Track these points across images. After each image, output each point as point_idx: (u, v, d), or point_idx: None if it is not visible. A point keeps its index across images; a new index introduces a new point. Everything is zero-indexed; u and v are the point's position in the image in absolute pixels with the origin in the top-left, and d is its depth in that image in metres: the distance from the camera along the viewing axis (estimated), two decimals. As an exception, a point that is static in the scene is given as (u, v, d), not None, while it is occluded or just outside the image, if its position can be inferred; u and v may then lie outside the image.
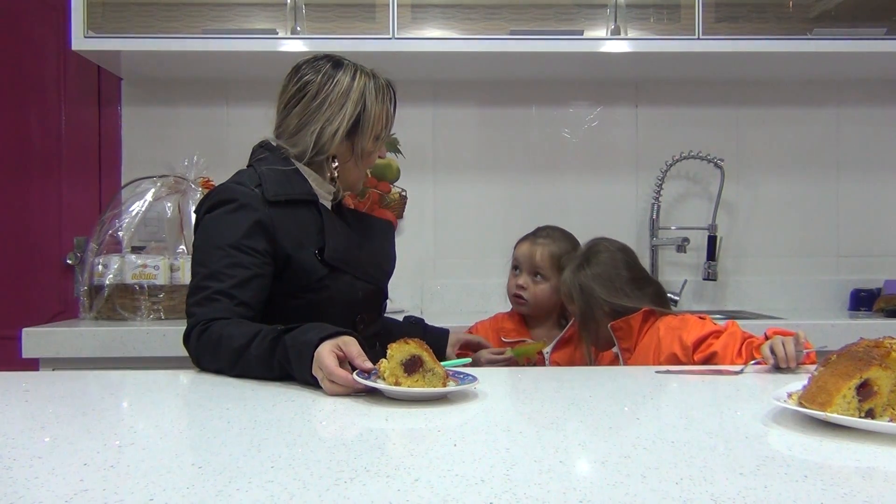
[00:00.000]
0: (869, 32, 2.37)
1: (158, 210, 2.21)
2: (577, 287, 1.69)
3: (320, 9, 2.33)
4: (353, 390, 1.11)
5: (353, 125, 1.51)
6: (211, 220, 1.45)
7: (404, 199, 2.56)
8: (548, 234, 1.93)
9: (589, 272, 1.69)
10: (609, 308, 1.67)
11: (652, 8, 2.37)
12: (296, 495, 0.66)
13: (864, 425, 0.87)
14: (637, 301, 1.67)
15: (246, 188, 1.45)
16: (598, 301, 1.67)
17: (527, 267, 1.88)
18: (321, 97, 1.50)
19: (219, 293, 1.36)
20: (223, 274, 1.37)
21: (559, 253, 1.88)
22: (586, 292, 1.67)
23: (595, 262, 1.70)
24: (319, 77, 1.50)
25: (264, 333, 1.26)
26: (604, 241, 1.78)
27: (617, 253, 1.73)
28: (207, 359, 1.33)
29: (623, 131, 2.76)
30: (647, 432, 0.91)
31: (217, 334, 1.30)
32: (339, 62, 1.54)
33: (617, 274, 1.69)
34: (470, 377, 1.15)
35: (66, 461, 0.77)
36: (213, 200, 1.46)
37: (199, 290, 1.38)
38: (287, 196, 1.46)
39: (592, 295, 1.67)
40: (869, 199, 2.77)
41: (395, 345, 1.10)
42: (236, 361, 1.27)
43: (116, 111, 2.68)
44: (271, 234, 1.42)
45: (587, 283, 1.68)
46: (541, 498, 0.65)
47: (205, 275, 1.39)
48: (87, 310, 2.14)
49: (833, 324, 2.20)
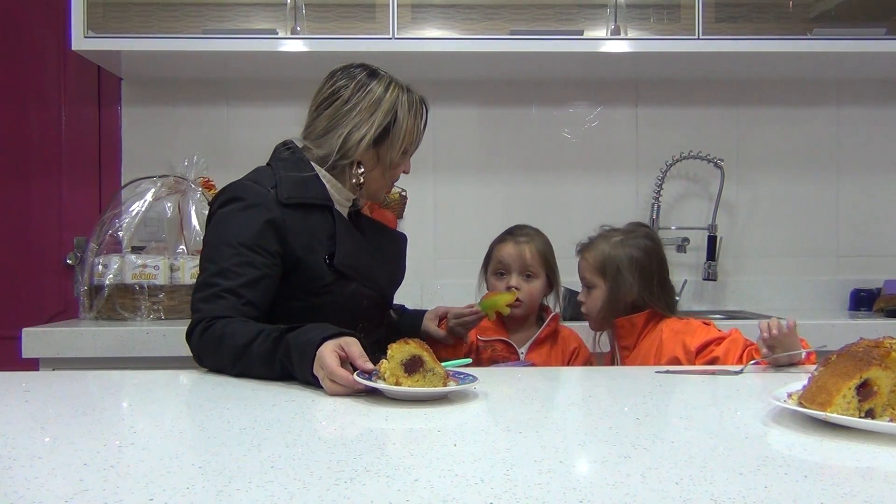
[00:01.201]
0: (869, 32, 2.37)
1: (158, 210, 2.21)
2: (614, 264, 1.67)
3: (320, 9, 2.33)
4: (353, 390, 1.11)
5: (381, 134, 1.50)
6: (223, 216, 1.44)
7: (404, 199, 2.56)
8: (526, 232, 1.89)
9: (633, 255, 1.67)
10: (631, 300, 1.66)
11: (652, 8, 2.37)
12: (296, 495, 0.66)
13: (864, 425, 0.87)
14: (659, 302, 1.66)
15: (261, 187, 1.44)
16: (628, 286, 1.66)
17: (517, 267, 1.84)
18: (352, 102, 1.49)
19: (227, 291, 1.35)
20: (232, 272, 1.37)
21: (544, 249, 1.87)
22: (622, 272, 1.66)
23: (638, 248, 1.69)
24: (353, 83, 1.50)
25: (267, 332, 1.25)
26: (647, 228, 1.78)
27: (658, 247, 1.73)
28: (209, 356, 1.33)
29: (623, 131, 2.76)
30: (647, 432, 0.91)
31: (220, 332, 1.30)
32: (375, 72, 1.54)
33: (651, 269, 1.68)
34: (470, 377, 1.15)
35: (66, 461, 0.77)
36: (227, 196, 1.46)
37: (206, 286, 1.38)
38: (301, 199, 1.45)
39: (625, 279, 1.66)
40: (869, 199, 2.78)
41: (396, 345, 1.11)
42: (238, 360, 1.27)
43: (116, 111, 2.68)
44: (283, 236, 1.42)
45: (626, 265, 1.66)
46: (541, 498, 0.65)
47: (214, 271, 1.38)
48: (87, 310, 2.14)
49: (833, 324, 2.20)
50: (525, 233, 1.88)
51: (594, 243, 1.77)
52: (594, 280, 1.74)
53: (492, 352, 1.79)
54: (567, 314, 2.31)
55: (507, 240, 1.88)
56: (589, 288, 1.76)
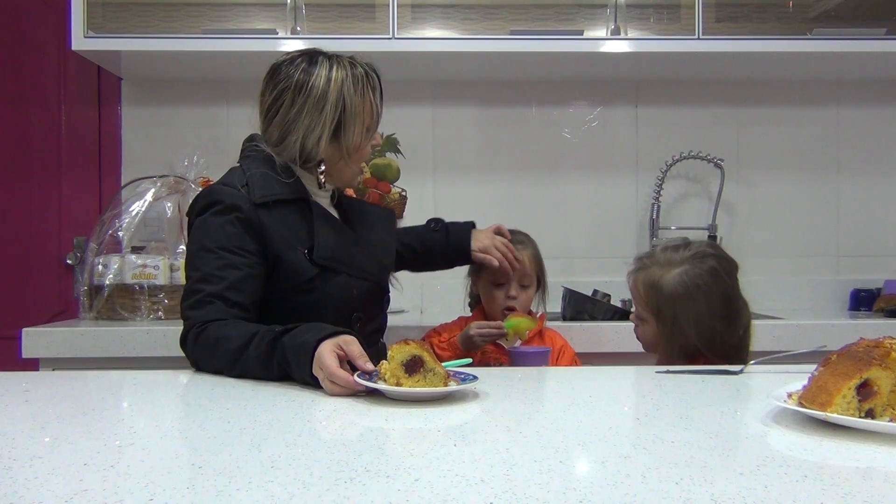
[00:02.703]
0: (869, 32, 2.36)
1: (158, 210, 2.21)
2: (669, 303, 1.45)
3: (320, 9, 2.33)
4: (353, 391, 1.11)
5: (335, 127, 1.47)
6: (200, 223, 1.44)
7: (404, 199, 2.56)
8: (520, 239, 1.86)
9: (693, 293, 1.44)
10: (692, 344, 1.45)
11: (652, 8, 2.37)
12: (296, 495, 0.66)
13: (864, 425, 0.87)
14: (719, 357, 1.43)
15: (231, 189, 1.44)
16: (681, 333, 1.46)
17: (516, 278, 1.82)
18: (298, 104, 1.45)
19: (212, 296, 1.35)
20: (215, 276, 1.37)
21: (537, 254, 1.86)
22: (678, 316, 1.46)
23: (697, 288, 1.46)
24: (293, 84, 1.46)
25: (261, 335, 1.25)
26: (716, 251, 1.55)
27: (722, 279, 1.49)
28: (205, 361, 1.32)
29: (623, 131, 2.76)
30: (647, 432, 0.91)
31: (214, 336, 1.30)
32: (315, 58, 1.48)
33: (710, 311, 1.46)
34: (471, 377, 1.15)
35: (66, 461, 0.77)
36: (201, 203, 1.46)
37: (192, 293, 1.38)
38: (274, 196, 1.44)
39: (679, 325, 1.45)
40: (869, 199, 2.77)
41: (396, 346, 1.10)
42: (235, 363, 1.26)
43: (116, 111, 2.68)
44: (259, 234, 1.41)
45: (682, 306, 1.45)
46: (541, 498, 0.65)
47: (197, 278, 1.38)
48: (87, 310, 2.14)
49: (833, 324, 2.19)
50: (519, 240, 1.86)
51: (647, 265, 1.52)
52: (643, 313, 1.52)
53: (482, 355, 1.79)
54: (567, 314, 2.31)
55: None
56: (641, 318, 1.54)
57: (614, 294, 2.48)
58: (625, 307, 2.46)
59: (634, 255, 1.61)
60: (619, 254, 2.70)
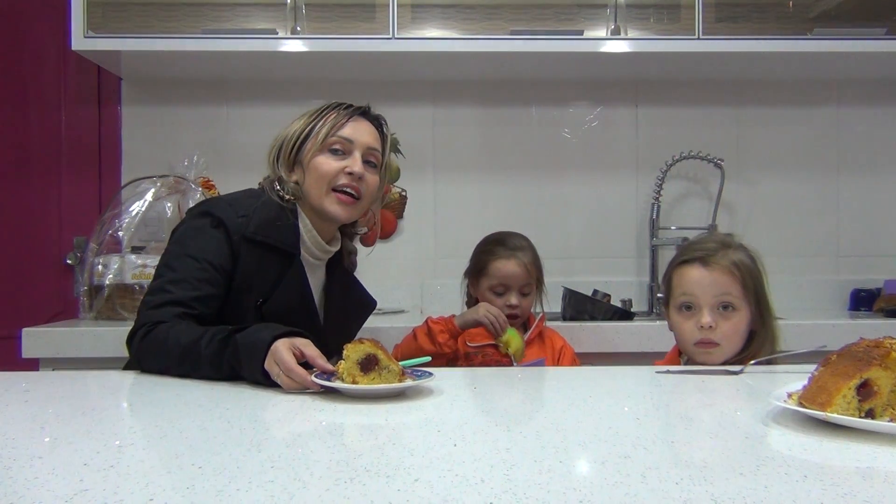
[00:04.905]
0: (869, 32, 2.36)
1: (158, 210, 2.21)
2: (760, 281, 1.45)
3: (320, 9, 2.33)
4: (307, 388, 1.12)
5: (296, 146, 1.51)
6: (194, 228, 1.45)
7: (404, 199, 2.56)
8: (519, 244, 1.85)
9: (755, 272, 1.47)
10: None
11: (652, 8, 2.37)
12: (296, 495, 0.66)
13: (864, 425, 0.87)
14: (767, 337, 1.46)
15: (233, 212, 1.45)
16: (771, 313, 1.48)
17: (517, 285, 1.82)
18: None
19: (178, 301, 1.35)
20: (191, 284, 1.37)
21: (536, 259, 1.85)
22: (763, 293, 1.47)
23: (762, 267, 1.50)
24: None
25: (213, 332, 1.25)
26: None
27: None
28: (150, 359, 1.32)
29: (623, 131, 2.76)
30: (647, 432, 0.91)
31: (164, 334, 1.30)
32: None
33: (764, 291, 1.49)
34: (426, 373, 1.17)
35: (66, 461, 0.77)
36: (202, 209, 1.47)
37: (160, 291, 1.38)
38: (266, 239, 1.44)
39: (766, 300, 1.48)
40: (869, 199, 2.77)
41: (351, 345, 1.12)
42: (183, 360, 1.26)
43: (116, 111, 2.68)
44: (235, 262, 1.42)
45: (763, 290, 1.46)
46: (541, 498, 0.65)
47: (171, 279, 1.38)
48: (87, 310, 2.14)
49: (833, 324, 2.19)
50: (519, 245, 1.85)
51: (721, 249, 1.45)
52: (736, 301, 1.43)
53: (483, 357, 1.79)
54: (567, 314, 2.31)
55: (504, 255, 1.82)
56: (724, 308, 1.44)
57: (614, 294, 2.49)
58: (625, 307, 2.46)
59: (671, 252, 1.60)
60: (619, 254, 2.70)
